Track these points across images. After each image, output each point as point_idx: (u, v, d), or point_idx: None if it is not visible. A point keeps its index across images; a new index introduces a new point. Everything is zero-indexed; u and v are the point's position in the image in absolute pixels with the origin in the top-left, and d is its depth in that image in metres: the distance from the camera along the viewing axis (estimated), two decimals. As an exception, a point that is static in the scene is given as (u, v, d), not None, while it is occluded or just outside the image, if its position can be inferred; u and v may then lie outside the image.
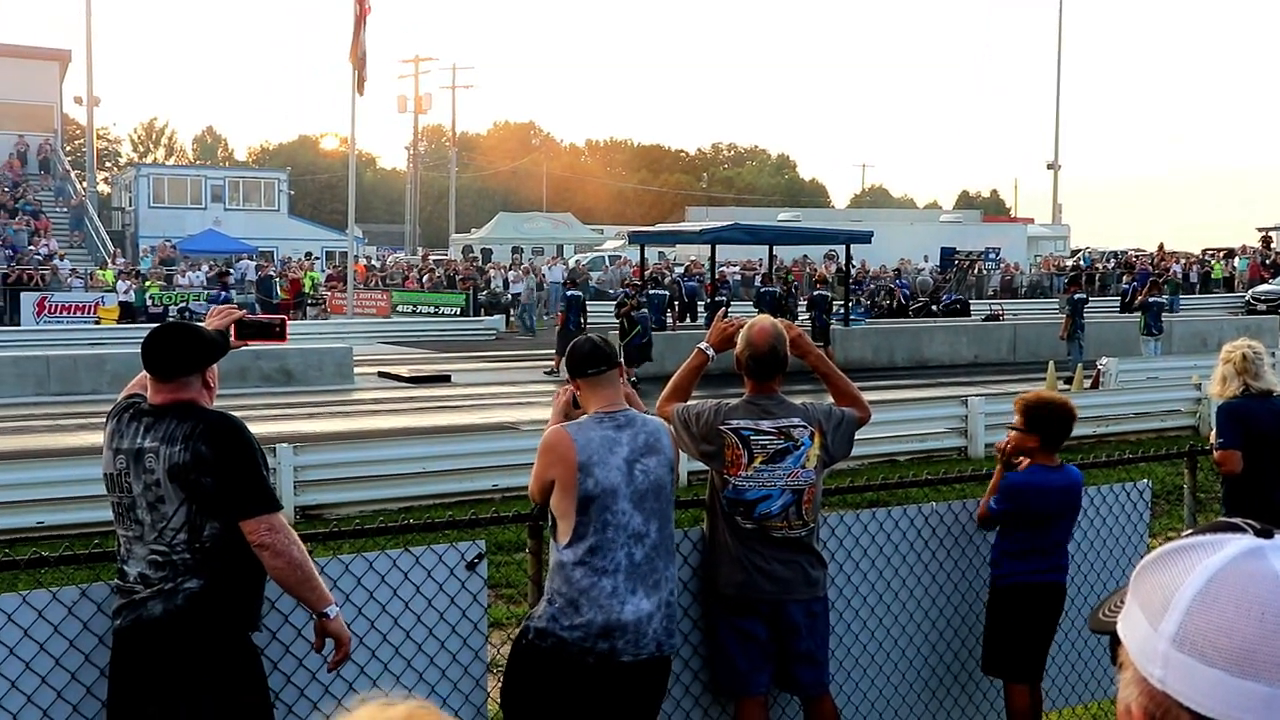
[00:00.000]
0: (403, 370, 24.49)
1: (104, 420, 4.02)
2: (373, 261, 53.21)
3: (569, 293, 25.92)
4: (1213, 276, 48.82)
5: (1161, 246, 52.99)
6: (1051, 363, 21.13)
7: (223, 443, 3.76)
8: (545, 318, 39.35)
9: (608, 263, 48.19)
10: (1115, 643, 1.20)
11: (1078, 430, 5.43)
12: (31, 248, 40.13)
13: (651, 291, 26.59)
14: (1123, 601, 1.22)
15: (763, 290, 28.24)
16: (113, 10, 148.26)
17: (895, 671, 5.41)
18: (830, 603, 4.95)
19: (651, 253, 35.10)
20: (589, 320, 25.94)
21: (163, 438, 3.75)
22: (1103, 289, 45.81)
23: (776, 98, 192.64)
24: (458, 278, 42.36)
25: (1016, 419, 5.32)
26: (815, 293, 28.21)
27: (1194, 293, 46.15)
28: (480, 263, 48.74)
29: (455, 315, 37.98)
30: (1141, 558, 4.89)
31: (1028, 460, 5.30)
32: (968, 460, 14.52)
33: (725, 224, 31.35)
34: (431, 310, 38.86)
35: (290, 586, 3.85)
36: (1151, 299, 24.15)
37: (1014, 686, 5.42)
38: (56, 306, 34.50)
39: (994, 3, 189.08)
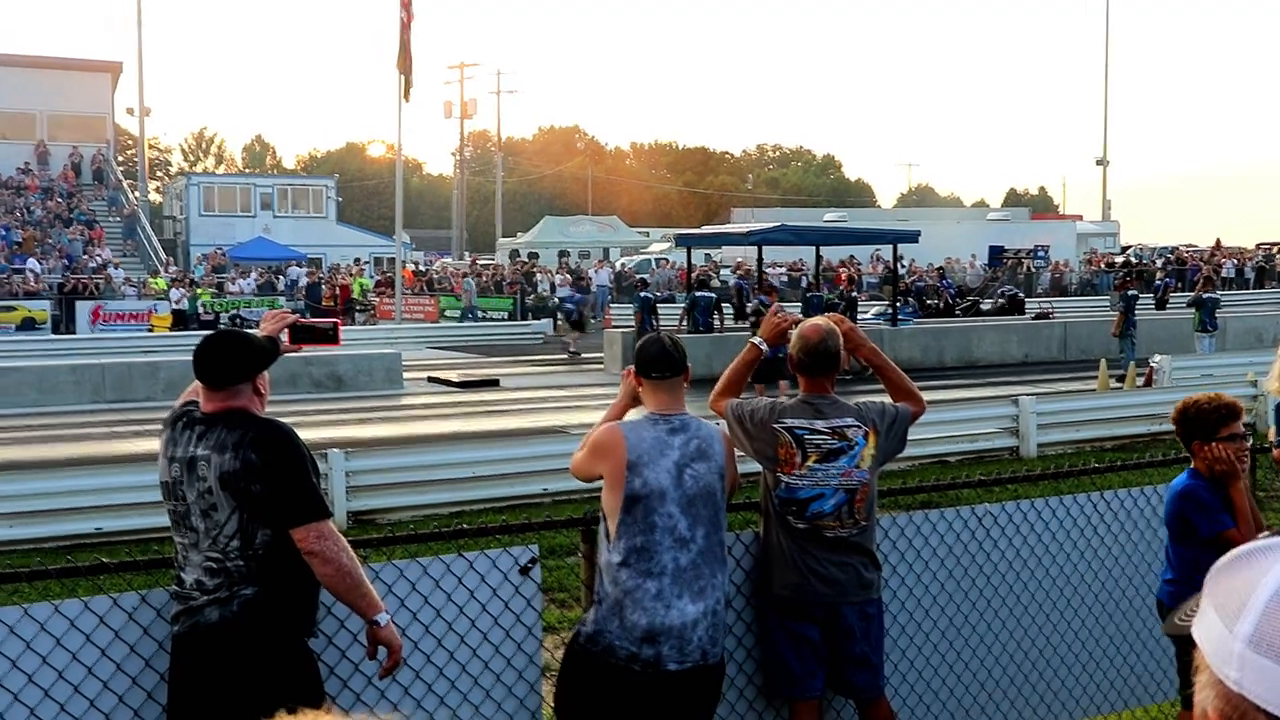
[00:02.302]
0: (452, 375, 24.63)
1: (159, 427, 4.06)
2: (420, 267, 53.51)
3: (641, 294, 26.31)
4: (1277, 270, 48.07)
5: (1219, 242, 52.20)
6: (1103, 361, 20.91)
7: (272, 450, 3.79)
8: (593, 320, 39.38)
9: (654, 265, 48.22)
10: (1191, 647, 1.19)
11: (1131, 429, 5.36)
12: (86, 257, 40.76)
13: (698, 294, 26.50)
14: (1198, 606, 1.20)
15: (810, 295, 28.10)
16: (163, 22, 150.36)
17: (950, 674, 5.36)
18: (884, 605, 4.92)
19: (698, 255, 35.06)
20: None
21: (214, 446, 3.79)
22: (1153, 286, 45.29)
23: (821, 98, 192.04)
24: (505, 282, 42.49)
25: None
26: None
27: (1248, 288, 45.51)
28: (527, 267, 48.91)
29: (503, 320, 38.16)
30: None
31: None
32: (1020, 460, 14.38)
33: (772, 225, 31.20)
34: (479, 315, 39.02)
35: (340, 594, 3.87)
36: (1206, 295, 23.78)
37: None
38: (111, 315, 35.02)
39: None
